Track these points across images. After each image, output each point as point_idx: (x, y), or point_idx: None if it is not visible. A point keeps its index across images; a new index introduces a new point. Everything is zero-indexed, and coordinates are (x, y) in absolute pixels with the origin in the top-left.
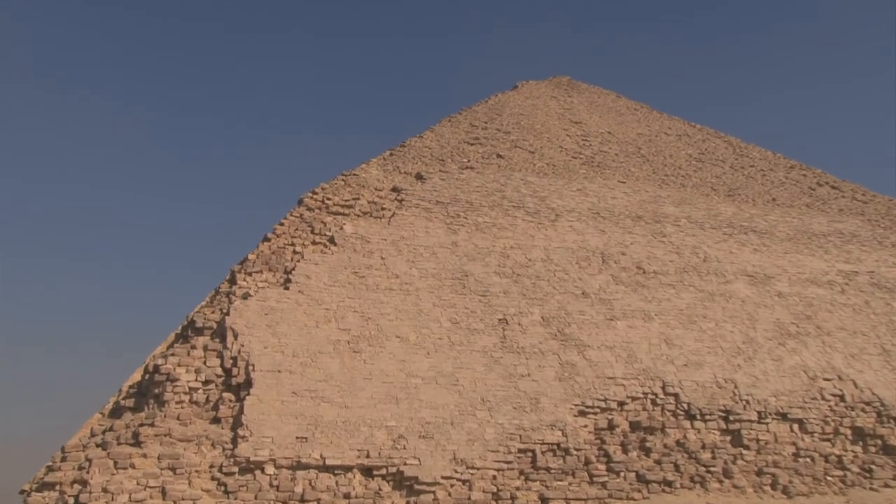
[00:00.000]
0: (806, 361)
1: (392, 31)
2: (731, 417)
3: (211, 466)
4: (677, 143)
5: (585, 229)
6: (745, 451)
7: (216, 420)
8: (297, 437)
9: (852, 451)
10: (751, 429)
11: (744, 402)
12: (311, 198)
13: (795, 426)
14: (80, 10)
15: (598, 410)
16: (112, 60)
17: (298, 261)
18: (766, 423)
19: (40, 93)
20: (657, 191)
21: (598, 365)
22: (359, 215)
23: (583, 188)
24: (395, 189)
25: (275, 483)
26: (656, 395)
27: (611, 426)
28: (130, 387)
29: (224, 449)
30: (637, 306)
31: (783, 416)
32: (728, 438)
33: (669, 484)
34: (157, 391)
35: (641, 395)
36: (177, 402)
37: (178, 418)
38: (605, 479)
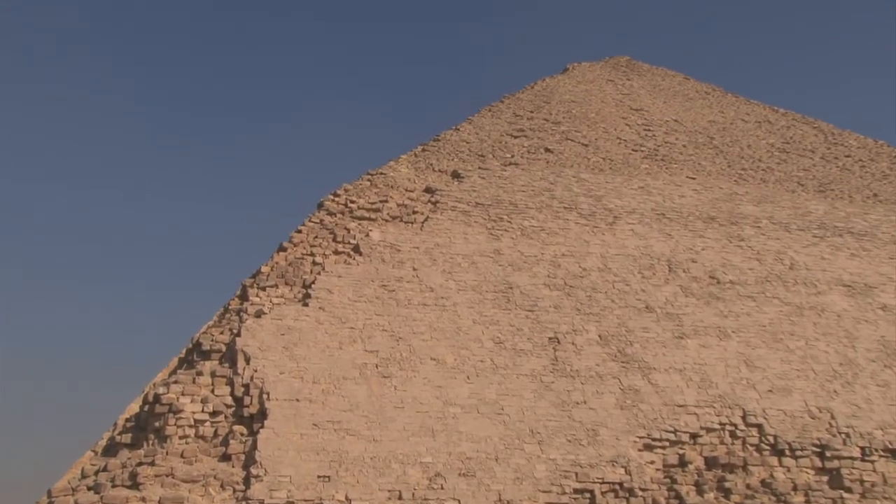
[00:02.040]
0: None
1: (423, 9)
2: (828, 454)
3: None
4: (757, 132)
5: (649, 233)
6: (846, 495)
7: (226, 457)
8: (319, 476)
9: None
10: (853, 468)
11: (843, 436)
12: (333, 201)
13: None
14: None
15: (667, 444)
16: (113, 56)
17: (319, 273)
18: (872, 462)
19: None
20: (733, 187)
21: (666, 390)
22: (387, 220)
23: (645, 185)
24: (428, 189)
25: None
26: (736, 426)
27: (682, 462)
28: (127, 420)
29: (235, 490)
30: (711, 322)
31: (893, 454)
32: (825, 479)
33: None
34: (157, 424)
35: (718, 426)
36: (180, 437)
37: (181, 456)
38: None
